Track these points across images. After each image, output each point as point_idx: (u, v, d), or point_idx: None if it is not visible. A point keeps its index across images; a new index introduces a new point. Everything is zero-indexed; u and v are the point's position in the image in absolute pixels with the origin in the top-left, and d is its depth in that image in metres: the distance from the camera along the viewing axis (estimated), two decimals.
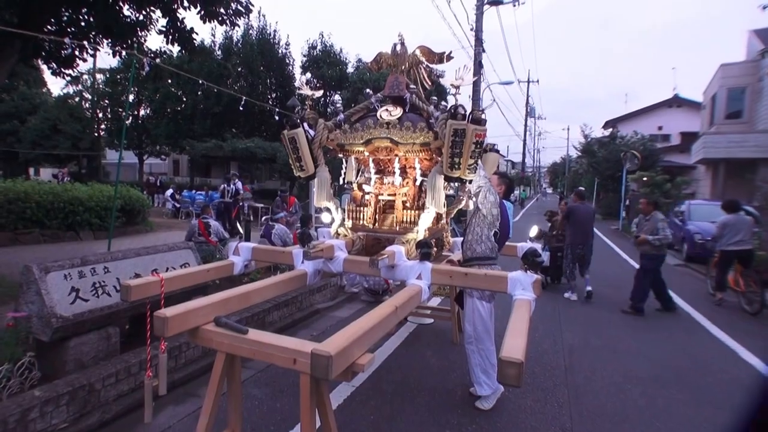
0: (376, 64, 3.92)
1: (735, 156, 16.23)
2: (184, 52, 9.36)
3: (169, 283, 2.90)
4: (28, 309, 3.35)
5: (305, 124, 3.66)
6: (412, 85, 3.76)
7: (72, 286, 3.50)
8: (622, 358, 4.79)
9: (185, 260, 4.64)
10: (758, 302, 6.58)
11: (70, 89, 25.98)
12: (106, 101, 25.81)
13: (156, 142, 26.80)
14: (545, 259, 6.10)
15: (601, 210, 24.37)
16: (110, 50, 8.00)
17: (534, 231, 4.53)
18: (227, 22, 8.12)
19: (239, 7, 8.14)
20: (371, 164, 3.88)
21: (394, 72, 3.79)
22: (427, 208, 3.50)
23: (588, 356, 4.83)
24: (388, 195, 3.84)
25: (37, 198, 9.26)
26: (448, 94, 16.34)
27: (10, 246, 8.66)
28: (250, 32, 25.31)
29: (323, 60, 24.64)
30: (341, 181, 4.21)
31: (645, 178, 17.15)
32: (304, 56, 25.39)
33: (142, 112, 27.03)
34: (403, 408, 3.58)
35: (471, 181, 3.46)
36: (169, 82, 23.43)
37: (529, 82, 40.32)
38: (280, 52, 25.80)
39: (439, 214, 3.83)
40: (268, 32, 25.65)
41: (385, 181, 3.86)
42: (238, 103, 9.34)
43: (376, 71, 4.11)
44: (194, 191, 18.89)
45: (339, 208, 3.91)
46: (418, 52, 3.78)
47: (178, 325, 2.30)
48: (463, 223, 6.69)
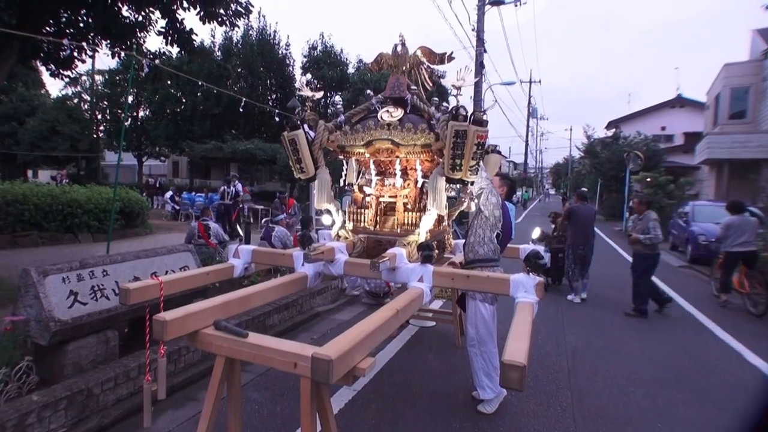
0: (377, 64, 3.92)
1: (739, 156, 16.21)
2: (183, 53, 9.36)
3: (168, 286, 2.90)
4: (27, 313, 3.35)
5: (305, 126, 3.66)
6: (413, 86, 3.75)
7: (70, 290, 3.50)
8: (626, 360, 4.78)
9: (185, 263, 4.64)
10: (763, 304, 6.57)
11: (69, 90, 26.10)
12: (105, 102, 25.84)
13: (155, 144, 26.84)
14: (547, 260, 6.10)
15: (604, 211, 24.36)
16: (109, 51, 8.01)
17: (536, 233, 4.52)
18: (227, 22, 8.13)
19: (239, 8, 8.15)
20: (372, 166, 3.88)
21: (395, 73, 3.79)
22: (429, 210, 3.50)
23: (591, 358, 4.82)
24: (389, 197, 3.84)
25: (35, 200, 9.29)
26: (450, 95, 16.34)
27: (8, 249, 8.67)
28: (250, 33, 25.34)
29: (324, 61, 24.66)
30: (342, 183, 4.20)
31: (648, 179, 17.11)
32: (305, 57, 25.42)
33: (142, 114, 27.09)
34: (405, 412, 3.57)
35: (473, 183, 3.46)
36: (169, 83, 23.46)
37: (531, 83, 40.40)
38: (281, 52, 25.84)
39: (440, 216, 3.83)
40: (268, 33, 25.69)
41: (386, 183, 3.85)
42: (238, 105, 9.34)
43: (377, 72, 4.11)
44: (194, 193, 18.91)
45: (339, 210, 3.91)
46: (419, 53, 3.78)
47: (178, 328, 2.30)
48: (465, 225, 6.68)
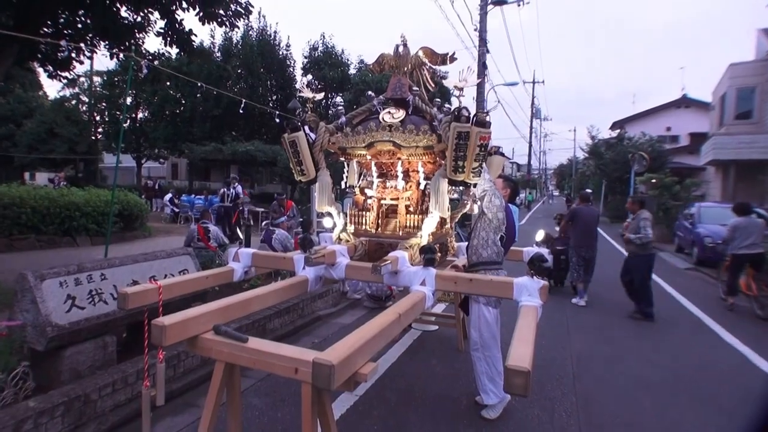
0: (378, 65, 3.92)
1: (745, 157, 16.19)
2: (182, 54, 9.38)
3: (167, 290, 2.89)
4: (23, 317, 3.34)
5: (306, 127, 3.66)
6: (415, 87, 3.75)
7: (68, 294, 3.50)
8: (631, 365, 4.76)
9: (184, 266, 4.64)
10: None
11: (67, 92, 26.18)
12: (104, 104, 25.89)
13: (154, 146, 26.89)
14: (549, 262, 6.10)
15: (609, 213, 24.29)
16: (107, 52, 8.05)
17: (540, 235, 4.51)
18: (227, 23, 8.15)
19: (239, 8, 8.17)
20: (373, 168, 3.87)
21: (397, 74, 3.79)
22: (431, 212, 3.49)
23: (596, 363, 4.80)
24: (391, 199, 3.83)
25: (32, 203, 9.29)
26: (452, 96, 16.34)
27: (5, 252, 8.68)
28: (250, 33, 25.41)
29: (325, 61, 24.72)
30: (343, 185, 4.20)
31: (653, 180, 17.08)
32: (305, 57, 25.47)
33: (140, 115, 27.14)
34: (408, 418, 3.56)
35: (475, 185, 3.45)
36: (168, 84, 23.50)
37: (534, 83, 40.42)
38: (281, 53, 25.91)
39: (443, 219, 3.82)
40: (269, 33, 25.78)
41: (388, 185, 3.85)
42: (237, 106, 9.36)
43: (379, 73, 4.11)
44: (193, 195, 18.92)
45: (341, 213, 3.90)
46: (421, 54, 3.78)
47: (177, 333, 2.29)
48: (468, 228, 6.68)
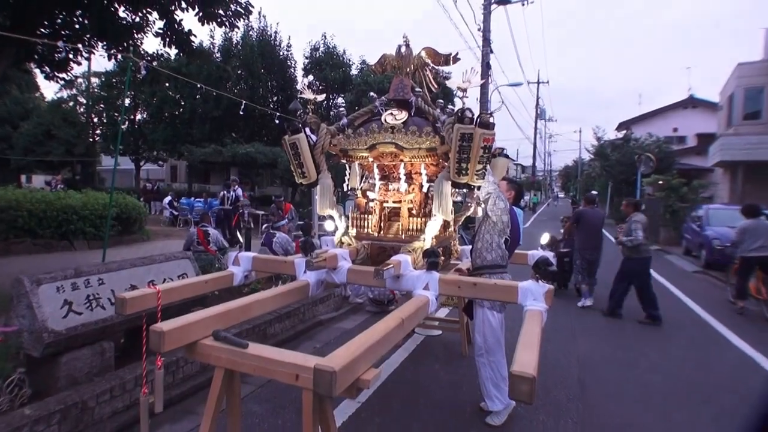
0: (380, 66, 3.92)
1: (754, 158, 16.15)
2: (181, 55, 9.42)
3: (166, 295, 2.89)
4: (19, 323, 3.34)
5: (307, 129, 3.66)
6: (418, 88, 3.75)
7: (65, 299, 3.49)
8: (638, 370, 4.74)
9: (183, 271, 4.63)
10: None
11: (64, 93, 26.28)
12: (102, 105, 26.00)
13: (153, 148, 26.94)
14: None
15: (615, 215, 24.23)
16: (105, 53, 8.08)
17: (545, 238, 4.48)
18: (226, 23, 8.18)
19: (239, 8, 8.20)
20: (375, 170, 3.87)
21: (399, 74, 3.79)
22: (434, 215, 3.48)
23: (603, 368, 4.79)
24: (394, 202, 3.83)
25: (28, 206, 9.28)
26: (455, 97, 16.36)
27: (0, 256, 8.68)
28: (250, 34, 25.45)
29: (326, 62, 24.77)
30: (345, 188, 4.20)
31: (660, 182, 17.04)
32: (306, 58, 25.53)
33: (139, 117, 27.21)
34: (411, 425, 3.55)
35: (479, 187, 3.44)
36: (167, 85, 23.59)
37: (539, 83, 40.46)
38: (282, 54, 25.94)
39: (446, 222, 3.81)
40: (269, 33, 25.80)
41: (390, 188, 3.85)
42: (237, 107, 9.37)
43: (381, 74, 4.11)
44: (193, 198, 18.99)
45: (342, 216, 3.90)
46: (424, 54, 3.78)
47: (176, 339, 2.28)
48: (471, 231, 6.67)
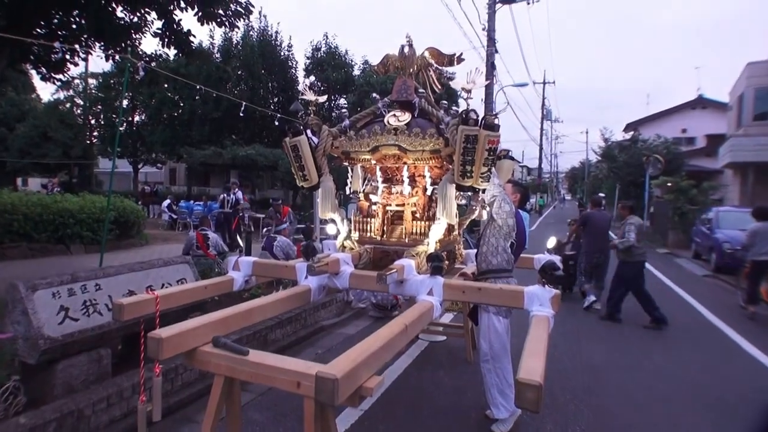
0: (383, 66, 3.92)
1: (765, 159, 16.09)
2: (180, 55, 9.44)
3: (164, 300, 2.88)
4: (14, 329, 3.33)
5: (308, 131, 3.65)
6: (421, 89, 3.74)
7: (61, 305, 3.49)
8: (647, 377, 4.72)
9: (182, 275, 4.63)
10: None
11: (61, 95, 26.30)
12: (99, 107, 26.03)
13: (152, 150, 27.02)
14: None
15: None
16: (103, 54, 8.11)
17: (552, 242, 4.47)
18: (226, 23, 8.20)
19: (239, 8, 8.22)
20: (378, 173, 3.86)
21: (402, 75, 3.79)
22: (438, 218, 3.48)
23: (610, 374, 4.77)
24: (397, 205, 3.82)
25: (24, 210, 9.29)
26: (459, 98, 16.35)
27: None
28: (251, 34, 25.54)
29: (328, 62, 24.82)
30: (347, 191, 4.20)
31: (669, 184, 16.98)
32: (308, 58, 25.60)
33: (137, 118, 27.30)
34: None
35: (484, 190, 3.43)
36: (165, 86, 23.61)
37: (544, 83, 40.43)
38: (282, 54, 26.01)
39: (450, 225, 3.80)
40: (270, 33, 25.88)
41: (394, 191, 3.84)
42: (238, 109, 9.37)
43: (383, 74, 4.11)
44: (192, 201, 18.97)
45: (344, 220, 3.89)
46: (427, 54, 3.78)
47: (174, 346, 2.27)
48: (476, 234, 6.65)
